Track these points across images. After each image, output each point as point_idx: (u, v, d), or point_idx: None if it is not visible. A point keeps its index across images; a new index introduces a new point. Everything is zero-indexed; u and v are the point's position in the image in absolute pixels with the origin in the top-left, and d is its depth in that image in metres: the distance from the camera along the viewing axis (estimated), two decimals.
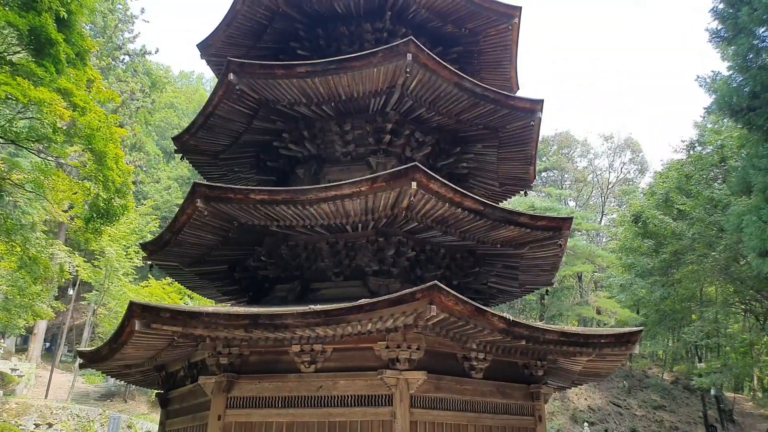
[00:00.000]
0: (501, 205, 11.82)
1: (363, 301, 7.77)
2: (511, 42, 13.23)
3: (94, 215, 15.73)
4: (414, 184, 8.64)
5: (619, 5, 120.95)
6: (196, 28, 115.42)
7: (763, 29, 17.24)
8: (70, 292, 36.99)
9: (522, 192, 14.46)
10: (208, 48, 13.29)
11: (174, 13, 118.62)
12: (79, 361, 11.60)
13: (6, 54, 14.00)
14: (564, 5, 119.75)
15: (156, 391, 13.60)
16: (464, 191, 9.51)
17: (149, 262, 11.64)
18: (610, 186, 59.31)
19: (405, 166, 8.90)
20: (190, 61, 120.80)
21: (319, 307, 7.90)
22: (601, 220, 56.03)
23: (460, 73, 10.53)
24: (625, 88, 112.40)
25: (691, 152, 32.19)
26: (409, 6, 12.36)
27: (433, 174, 8.96)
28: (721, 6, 18.16)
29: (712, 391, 33.12)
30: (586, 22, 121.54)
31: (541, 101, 11.25)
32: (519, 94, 13.94)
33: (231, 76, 10.38)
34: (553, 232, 10.40)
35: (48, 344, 43.85)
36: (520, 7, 12.51)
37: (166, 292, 31.63)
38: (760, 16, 16.35)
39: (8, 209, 22.56)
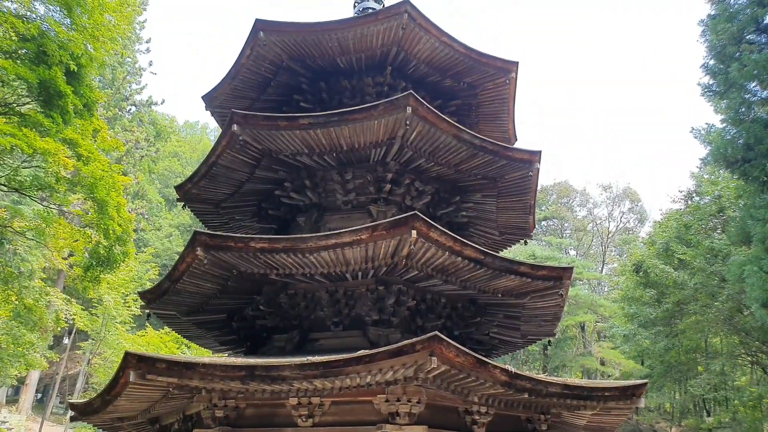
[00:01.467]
0: (501, 254, 11.82)
1: (362, 352, 7.66)
2: (508, 95, 13.60)
3: (94, 263, 15.65)
4: (414, 233, 8.70)
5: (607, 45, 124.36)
6: (202, 80, 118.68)
7: (753, 84, 17.72)
8: (66, 340, 36.38)
9: (522, 241, 14.51)
10: (212, 100, 13.65)
11: (181, 65, 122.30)
12: (70, 413, 11.30)
13: (15, 105, 14.33)
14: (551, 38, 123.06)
15: None
16: (464, 240, 9.55)
17: (147, 311, 11.56)
18: (610, 235, 59.33)
19: (405, 214, 8.99)
20: (195, 112, 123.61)
21: (317, 358, 7.78)
22: (602, 270, 55.72)
23: (458, 125, 10.78)
24: (618, 130, 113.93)
25: (689, 202, 32.40)
26: (409, 61, 12.77)
27: (433, 222, 9.03)
28: (711, 62, 18.72)
29: None
30: (571, 55, 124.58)
31: (539, 152, 11.45)
32: (517, 144, 14.23)
33: (234, 127, 10.62)
34: (554, 282, 10.37)
35: (40, 395, 42.76)
36: (517, 62, 12.92)
37: (163, 342, 31.08)
38: (750, 71, 16.81)
39: (7, 257, 22.51)
